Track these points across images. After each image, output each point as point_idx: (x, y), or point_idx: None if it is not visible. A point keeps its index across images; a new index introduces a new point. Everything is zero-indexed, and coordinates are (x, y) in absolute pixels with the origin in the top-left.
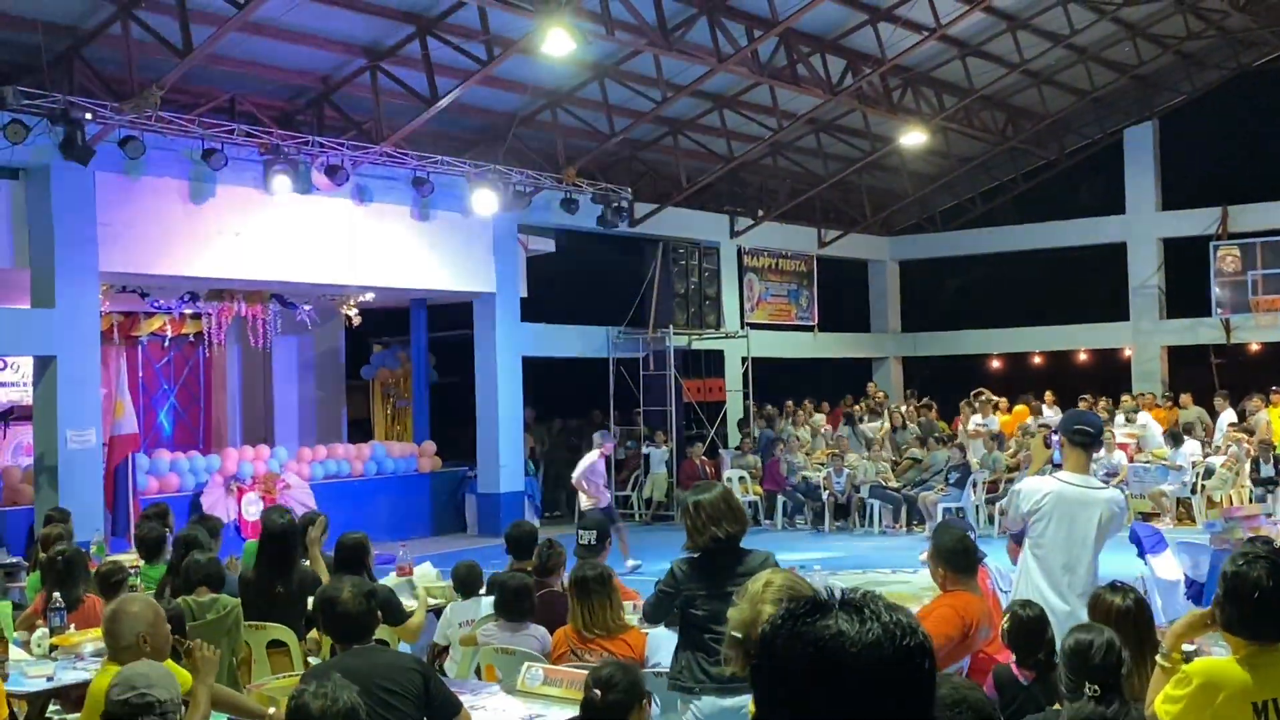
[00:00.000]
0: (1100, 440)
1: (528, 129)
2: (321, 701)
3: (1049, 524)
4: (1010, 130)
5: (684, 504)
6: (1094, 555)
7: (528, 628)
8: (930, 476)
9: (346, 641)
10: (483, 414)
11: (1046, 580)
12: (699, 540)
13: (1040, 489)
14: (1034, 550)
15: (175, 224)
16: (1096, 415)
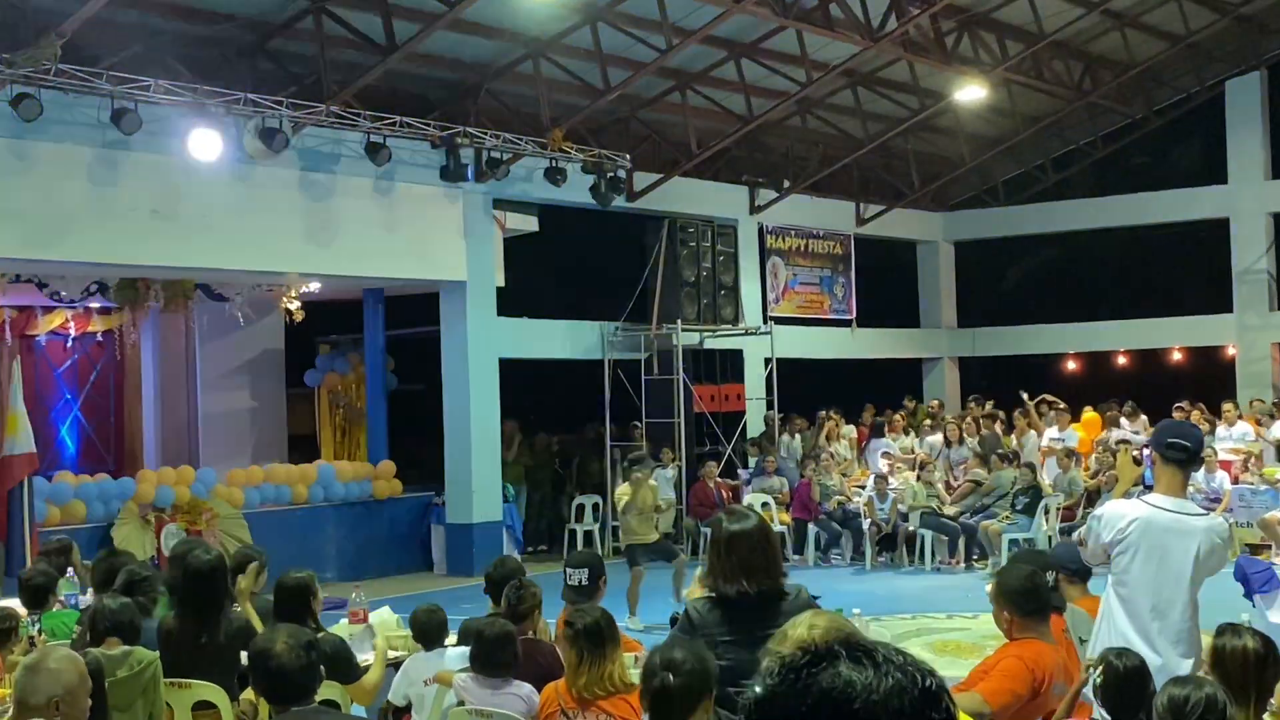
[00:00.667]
0: (1199, 458)
1: (505, 84)
2: None
3: (1135, 557)
4: (1088, 83)
5: (715, 536)
6: (1190, 596)
7: (511, 684)
8: (993, 502)
9: (283, 703)
10: (451, 428)
11: (1132, 625)
12: (724, 589)
13: (1125, 514)
14: (1117, 589)
15: (79, 200)
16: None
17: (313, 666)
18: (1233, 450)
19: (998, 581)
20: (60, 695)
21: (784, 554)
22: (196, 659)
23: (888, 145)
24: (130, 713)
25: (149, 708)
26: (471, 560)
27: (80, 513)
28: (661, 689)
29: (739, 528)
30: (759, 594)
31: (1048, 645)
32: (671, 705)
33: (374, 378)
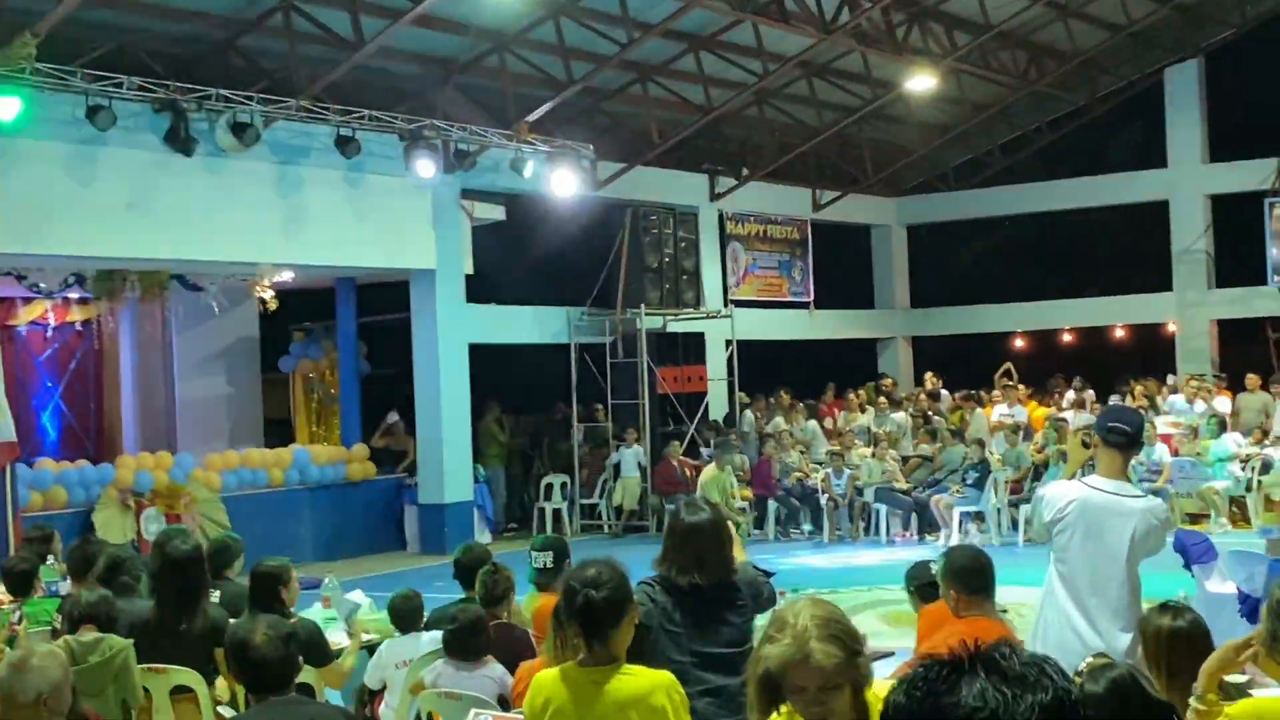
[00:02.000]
0: (1139, 442)
1: (471, 77)
2: None
3: (1074, 536)
4: (1034, 72)
5: (671, 526)
6: (1127, 574)
7: (483, 666)
8: (945, 477)
9: (262, 692)
10: (423, 411)
11: (1072, 601)
12: (678, 579)
13: (1065, 495)
14: (1058, 566)
15: (56, 194)
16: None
17: (291, 658)
18: (1172, 424)
19: (944, 562)
20: (48, 692)
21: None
22: (175, 646)
23: (842, 133)
24: (102, 698)
25: (121, 693)
26: (444, 540)
27: (61, 498)
28: (586, 604)
29: (695, 520)
30: (709, 585)
31: (992, 621)
32: (599, 619)
33: (347, 363)
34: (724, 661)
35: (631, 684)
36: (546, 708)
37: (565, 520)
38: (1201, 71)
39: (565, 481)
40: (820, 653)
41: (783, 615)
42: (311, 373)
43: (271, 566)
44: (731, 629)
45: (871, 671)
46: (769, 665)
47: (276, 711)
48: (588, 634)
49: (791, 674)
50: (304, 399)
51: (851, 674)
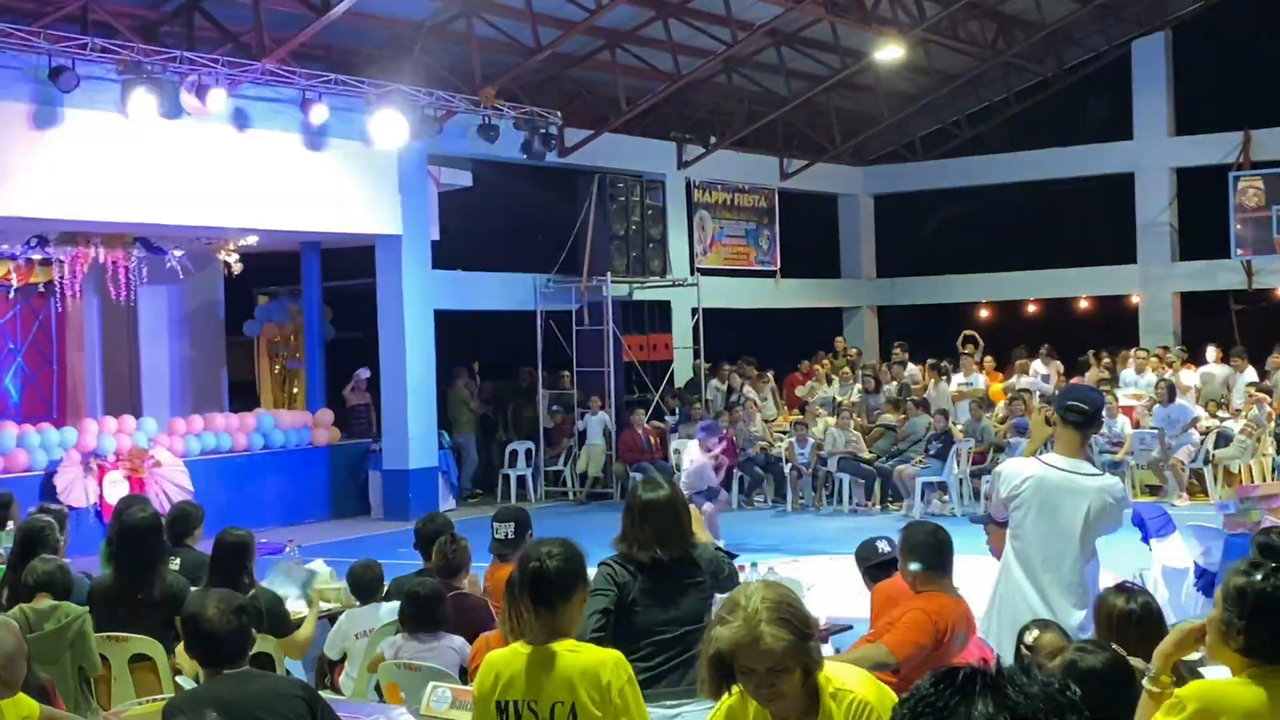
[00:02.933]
0: (1098, 420)
1: (438, 41)
2: None
3: (1029, 513)
4: (1001, 43)
5: (630, 503)
6: (1081, 551)
7: (441, 638)
8: (908, 447)
9: (215, 666)
10: (388, 376)
11: (1026, 576)
12: (638, 555)
13: (1021, 473)
14: (1013, 542)
15: (18, 155)
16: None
17: (243, 630)
18: (1134, 395)
19: (903, 536)
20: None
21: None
22: (133, 613)
23: (810, 102)
24: (59, 666)
25: (78, 660)
26: (408, 506)
27: (22, 462)
28: (540, 570)
29: (652, 497)
30: (670, 560)
31: (950, 597)
32: (550, 588)
33: (311, 328)
34: (680, 638)
35: (580, 660)
36: (496, 684)
37: (529, 487)
38: (1169, 44)
39: (530, 448)
40: (770, 636)
41: (735, 597)
42: (276, 337)
43: (239, 536)
44: (689, 604)
45: (821, 655)
46: (720, 646)
47: (230, 684)
48: (537, 603)
49: (741, 656)
50: (268, 363)
51: (801, 657)
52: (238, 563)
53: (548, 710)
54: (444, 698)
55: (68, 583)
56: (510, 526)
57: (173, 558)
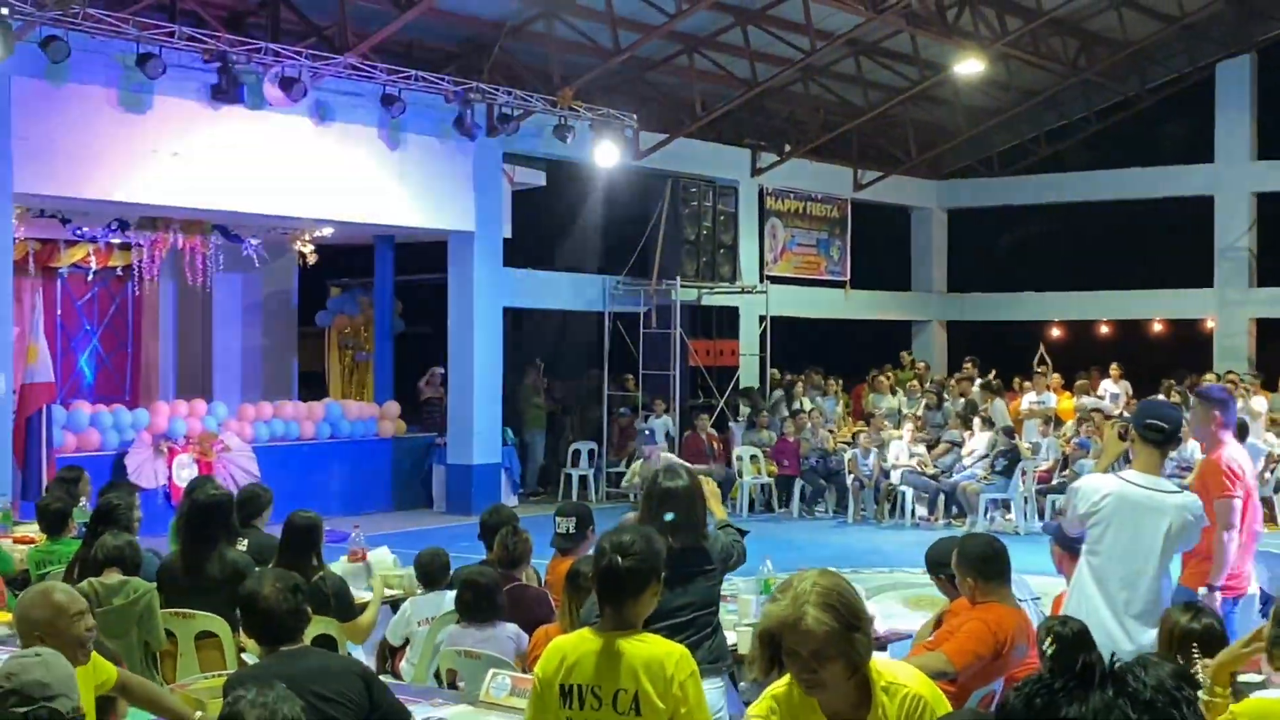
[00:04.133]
0: (1176, 438)
1: (518, 42)
2: (259, 713)
3: (1107, 530)
4: (1083, 60)
5: (649, 490)
6: (1159, 571)
7: (496, 626)
8: (973, 463)
9: (272, 644)
10: (456, 372)
11: (1101, 595)
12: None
13: (1100, 489)
14: (1089, 558)
15: (104, 140)
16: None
17: (299, 609)
18: None
19: (959, 548)
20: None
21: (769, 506)
22: (199, 591)
23: (887, 114)
24: (125, 640)
25: (144, 635)
26: (470, 500)
27: (95, 441)
28: (610, 569)
29: (670, 485)
30: (681, 549)
31: (1009, 609)
32: (621, 586)
33: (382, 321)
34: (692, 621)
35: (645, 650)
36: (562, 666)
37: (591, 487)
38: (1254, 67)
39: (593, 448)
40: (812, 618)
41: (790, 579)
42: (347, 328)
43: (309, 518)
44: (699, 588)
45: (870, 650)
46: (767, 623)
47: (288, 661)
48: (604, 597)
49: (786, 635)
50: (338, 354)
51: (845, 648)
52: (307, 544)
53: (610, 697)
54: (503, 685)
55: (137, 559)
56: (572, 521)
57: (240, 539)
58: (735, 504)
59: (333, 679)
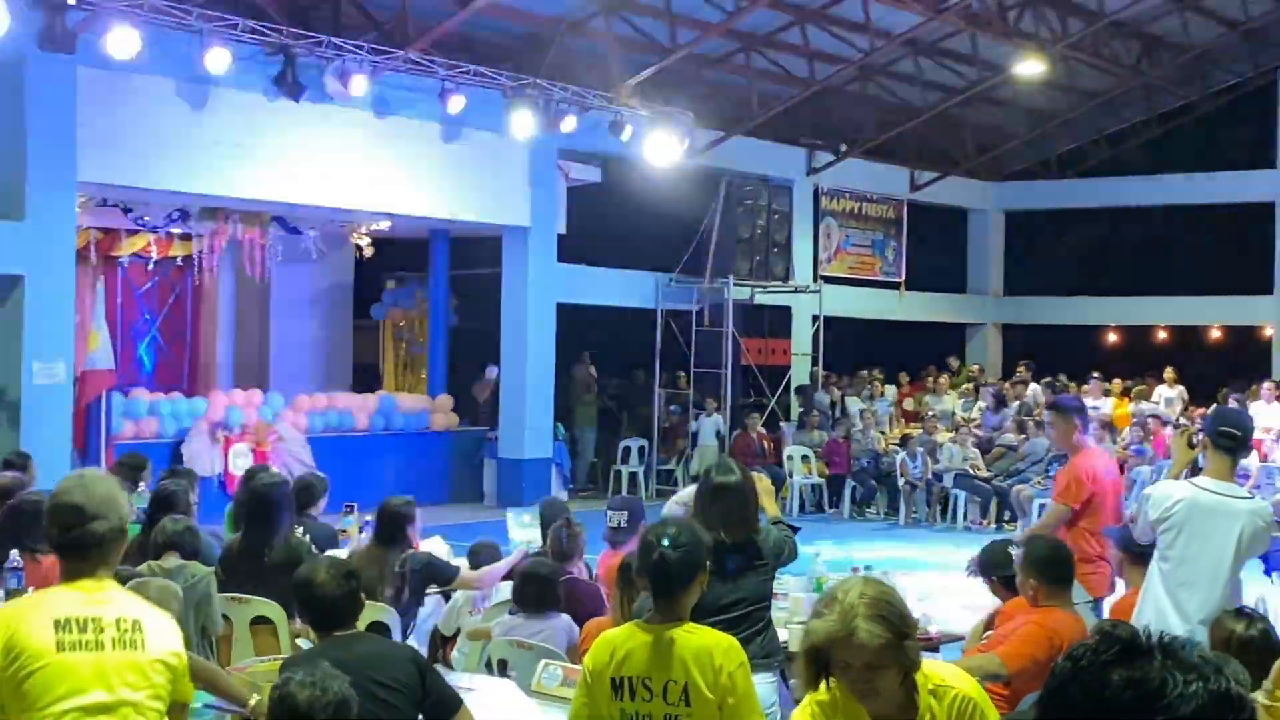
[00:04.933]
0: (1248, 446)
1: (576, 38)
2: (310, 692)
3: (1179, 537)
4: (1145, 63)
5: (702, 486)
6: (1230, 575)
7: (551, 617)
8: (1027, 467)
9: (327, 629)
10: (508, 366)
11: (1170, 600)
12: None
13: (1172, 495)
14: (1161, 564)
15: (166, 131)
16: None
17: (353, 595)
18: (1264, 429)
19: (1025, 550)
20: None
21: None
22: (255, 576)
23: (945, 114)
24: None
25: (201, 619)
26: (521, 494)
27: (153, 428)
28: (661, 562)
29: (723, 481)
30: (732, 543)
31: (1068, 614)
32: (671, 578)
33: (437, 314)
34: (745, 616)
35: (695, 641)
36: (613, 659)
37: (641, 484)
38: None
39: (643, 445)
40: (864, 632)
41: (834, 591)
42: (402, 321)
43: (404, 502)
44: (751, 583)
45: (919, 655)
46: (815, 640)
47: (342, 646)
48: (656, 590)
49: (837, 650)
50: (393, 347)
51: (898, 656)
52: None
53: (661, 688)
54: (554, 675)
55: (195, 543)
56: (624, 515)
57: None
58: (785, 504)
59: (387, 664)
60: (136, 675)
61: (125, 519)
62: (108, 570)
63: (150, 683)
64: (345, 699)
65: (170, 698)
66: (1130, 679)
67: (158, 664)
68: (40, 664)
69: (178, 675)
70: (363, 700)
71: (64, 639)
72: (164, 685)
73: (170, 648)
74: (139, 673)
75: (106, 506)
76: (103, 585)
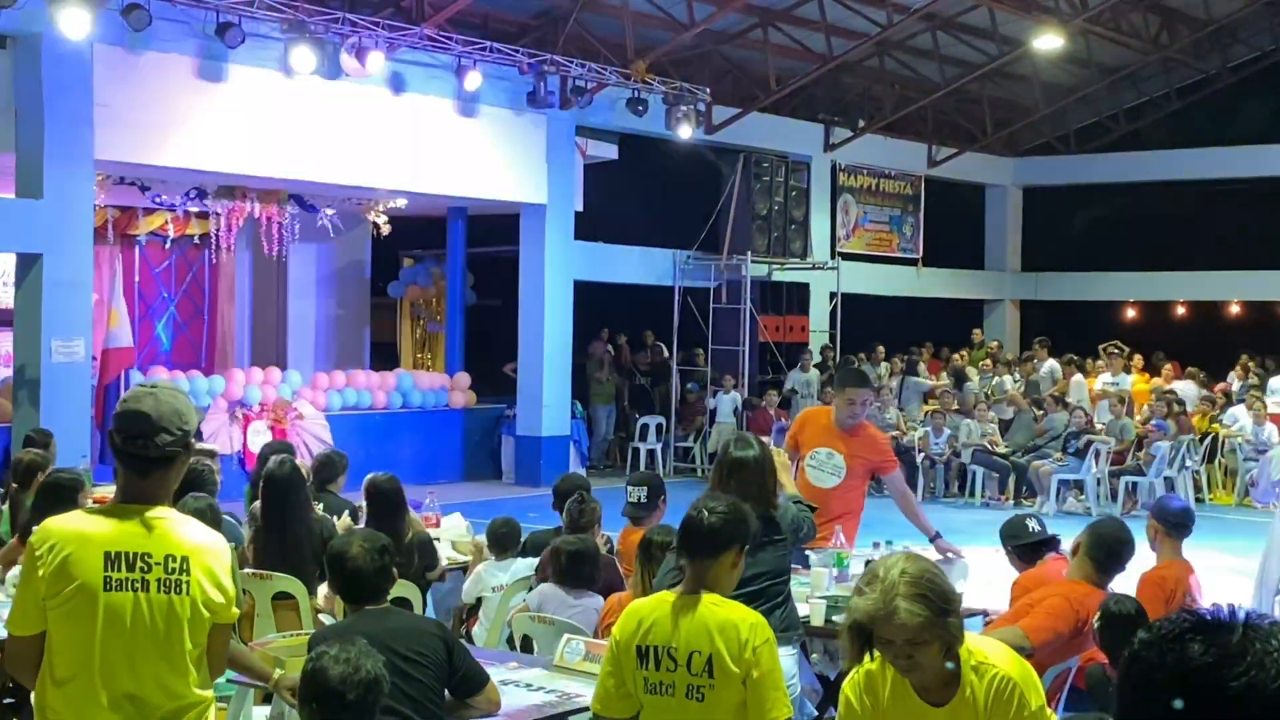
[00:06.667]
0: None
1: (593, 14)
2: (342, 668)
3: None
4: (1165, 37)
5: (720, 459)
6: None
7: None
8: (1046, 443)
9: (358, 603)
10: (526, 344)
11: None
12: None
13: None
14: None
15: (183, 108)
16: None
17: (386, 569)
18: None
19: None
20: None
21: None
22: (278, 552)
23: (963, 89)
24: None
25: None
26: (539, 472)
27: None
28: (693, 519)
29: (741, 455)
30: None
31: (1095, 589)
32: (699, 539)
33: (453, 292)
34: (765, 589)
35: (720, 613)
36: (639, 629)
37: (659, 461)
38: None
39: (661, 423)
40: (905, 611)
41: (875, 569)
42: (419, 299)
43: (390, 479)
44: (769, 557)
45: (962, 630)
46: (857, 617)
47: (371, 620)
48: (683, 548)
49: (879, 628)
50: (410, 325)
51: (940, 632)
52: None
53: (685, 657)
54: (577, 650)
55: (216, 521)
56: (644, 490)
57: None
58: None
59: (415, 639)
60: (174, 619)
61: (191, 437)
62: (166, 491)
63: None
64: (377, 678)
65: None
66: (1210, 646)
67: (199, 606)
68: (86, 602)
69: (217, 610)
70: (390, 674)
71: (112, 576)
72: (201, 626)
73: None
74: (176, 617)
75: (174, 420)
76: (157, 513)
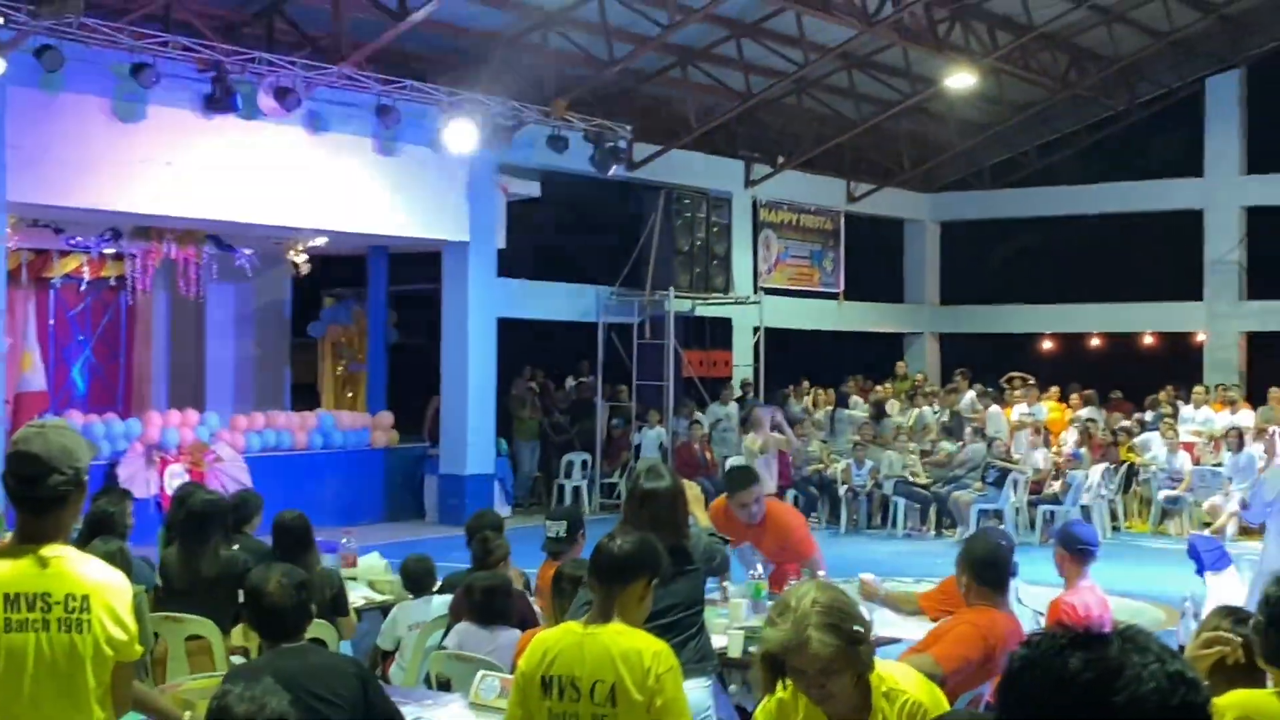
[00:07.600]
0: None
1: (513, 52)
2: (246, 706)
3: None
4: (1074, 75)
5: (631, 490)
6: None
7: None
8: (965, 473)
9: (274, 639)
10: (449, 382)
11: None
12: None
13: None
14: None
15: (97, 149)
16: None
17: (303, 606)
18: (1194, 433)
19: (964, 548)
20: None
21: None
22: (190, 593)
23: (880, 126)
24: None
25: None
26: (463, 510)
27: None
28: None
29: (653, 486)
30: (666, 548)
31: (1002, 614)
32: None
33: (376, 331)
34: (677, 622)
35: (624, 642)
36: (544, 660)
37: (584, 498)
38: (1243, 82)
39: (586, 459)
40: (817, 641)
41: (786, 599)
42: (340, 338)
43: (298, 516)
44: (682, 588)
45: (873, 658)
46: (769, 648)
47: (287, 657)
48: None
49: (791, 658)
50: (331, 364)
51: (852, 660)
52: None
53: (589, 687)
54: (492, 686)
55: (127, 564)
56: (563, 525)
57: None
58: None
59: (330, 677)
60: (76, 658)
61: (84, 474)
62: (63, 529)
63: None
64: (282, 716)
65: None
66: (1090, 660)
67: (101, 644)
68: None
69: (120, 647)
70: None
71: (13, 618)
72: (104, 664)
73: (114, 632)
74: (78, 656)
75: (64, 459)
76: (55, 552)
